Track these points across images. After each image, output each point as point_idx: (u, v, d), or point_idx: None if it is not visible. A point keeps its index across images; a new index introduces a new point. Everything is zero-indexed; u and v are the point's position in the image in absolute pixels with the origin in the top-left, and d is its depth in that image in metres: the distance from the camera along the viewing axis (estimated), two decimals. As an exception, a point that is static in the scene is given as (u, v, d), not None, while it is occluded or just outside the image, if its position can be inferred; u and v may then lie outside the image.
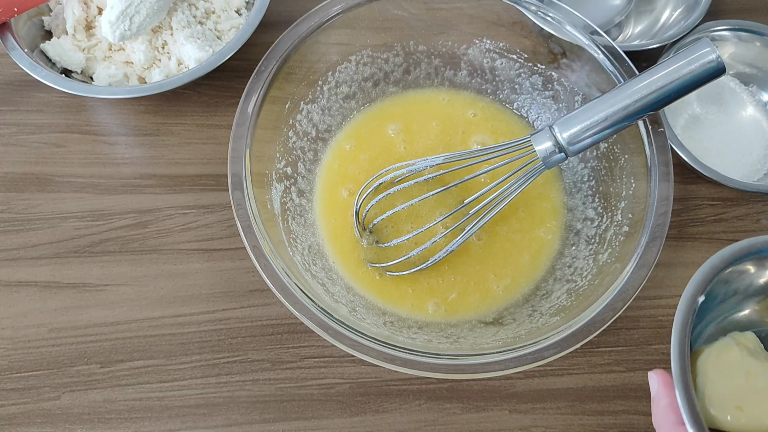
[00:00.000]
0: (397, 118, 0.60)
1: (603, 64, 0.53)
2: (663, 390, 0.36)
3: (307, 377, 0.51)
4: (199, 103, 0.63)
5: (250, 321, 0.53)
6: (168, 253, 0.56)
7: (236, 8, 0.65)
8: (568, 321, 0.44)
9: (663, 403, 0.35)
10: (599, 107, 0.46)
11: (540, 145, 0.47)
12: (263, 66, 0.51)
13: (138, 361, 0.51)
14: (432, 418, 0.50)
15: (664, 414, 0.35)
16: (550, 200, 0.57)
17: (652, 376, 0.37)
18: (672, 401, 0.35)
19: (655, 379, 0.37)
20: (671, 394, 0.35)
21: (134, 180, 0.59)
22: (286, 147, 0.54)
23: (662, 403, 0.35)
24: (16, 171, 0.59)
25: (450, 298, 0.52)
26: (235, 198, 0.46)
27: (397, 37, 0.59)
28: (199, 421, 0.50)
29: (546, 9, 0.55)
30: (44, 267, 0.55)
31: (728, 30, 0.63)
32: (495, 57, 0.60)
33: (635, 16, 0.69)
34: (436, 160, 0.52)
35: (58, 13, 0.63)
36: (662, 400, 0.36)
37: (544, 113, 0.60)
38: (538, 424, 0.50)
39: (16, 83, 0.63)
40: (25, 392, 0.50)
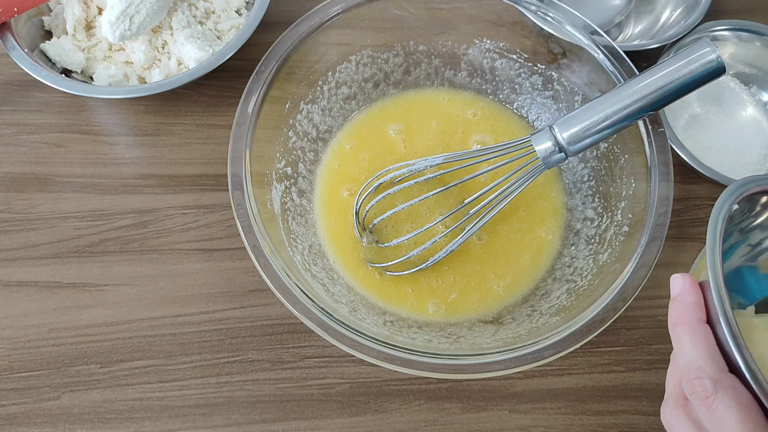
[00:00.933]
0: (398, 118, 0.60)
1: (603, 64, 0.53)
2: (690, 288, 0.34)
3: (307, 377, 0.51)
4: (199, 103, 0.63)
5: (250, 321, 0.53)
6: (168, 253, 0.56)
7: (236, 8, 0.65)
8: (568, 321, 0.44)
9: (690, 299, 0.34)
10: (599, 107, 0.46)
11: (540, 145, 0.47)
12: (263, 66, 0.51)
13: (138, 361, 0.51)
14: (432, 418, 0.50)
15: (689, 309, 0.33)
16: (550, 200, 0.57)
17: (677, 277, 0.35)
18: (698, 299, 0.33)
19: (681, 279, 0.35)
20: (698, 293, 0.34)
21: (134, 180, 0.59)
22: (286, 147, 0.54)
23: (689, 300, 0.34)
24: (16, 171, 0.59)
25: (450, 298, 0.52)
26: (235, 198, 0.46)
27: (397, 37, 0.59)
28: (199, 421, 0.50)
29: (546, 9, 0.55)
30: (44, 267, 0.55)
31: (728, 30, 0.63)
32: (495, 57, 0.60)
33: (635, 16, 0.69)
34: (436, 160, 0.52)
35: (58, 13, 0.63)
36: (688, 296, 0.34)
37: (544, 113, 0.60)
38: (538, 424, 0.50)
39: (16, 83, 0.63)
40: (25, 392, 0.50)
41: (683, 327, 0.33)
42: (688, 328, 0.33)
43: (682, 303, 0.34)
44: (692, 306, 0.33)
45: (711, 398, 0.31)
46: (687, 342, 0.33)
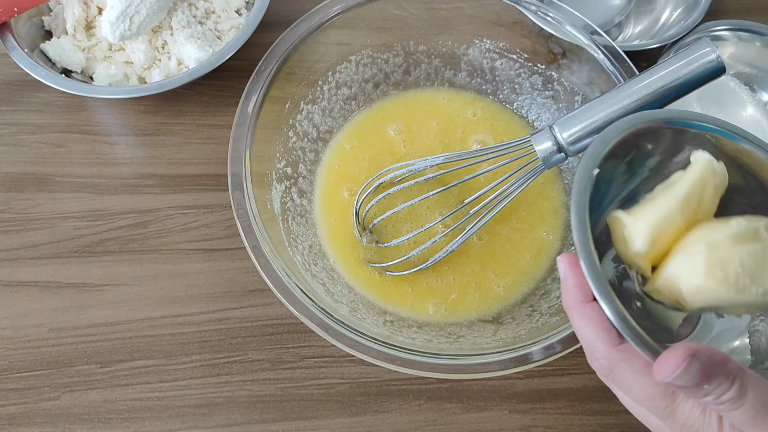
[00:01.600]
0: (398, 119, 0.60)
1: (603, 64, 0.53)
2: (570, 270, 0.34)
3: (307, 377, 0.51)
4: (199, 103, 0.63)
5: (250, 321, 0.53)
6: (168, 253, 0.56)
7: (236, 8, 0.65)
8: (568, 321, 0.44)
9: (570, 283, 0.34)
10: (599, 107, 0.45)
11: (540, 145, 0.47)
12: (263, 66, 0.51)
13: (138, 361, 0.51)
14: (432, 418, 0.50)
15: (572, 293, 0.34)
16: (550, 200, 0.57)
17: (560, 260, 0.35)
18: (578, 280, 0.33)
19: (562, 262, 0.35)
20: (578, 272, 0.33)
21: (134, 180, 0.59)
22: (286, 147, 0.54)
23: (569, 283, 0.34)
24: (16, 171, 0.59)
25: (450, 298, 0.52)
26: (235, 198, 0.46)
27: (397, 37, 0.59)
28: (199, 421, 0.50)
29: (546, 9, 0.55)
30: (44, 267, 0.55)
31: (728, 30, 0.63)
32: (495, 57, 0.60)
33: (635, 16, 0.69)
34: (436, 160, 0.52)
35: (58, 13, 0.63)
36: (569, 280, 0.34)
37: (544, 113, 0.60)
38: (538, 424, 0.50)
39: (16, 83, 0.63)
40: (25, 392, 0.50)
41: (572, 311, 0.34)
42: (576, 312, 0.33)
43: (566, 287, 0.34)
44: (574, 289, 0.34)
45: (611, 375, 0.32)
46: (578, 325, 0.33)
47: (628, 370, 0.31)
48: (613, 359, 0.32)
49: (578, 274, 0.33)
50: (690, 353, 0.27)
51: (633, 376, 0.31)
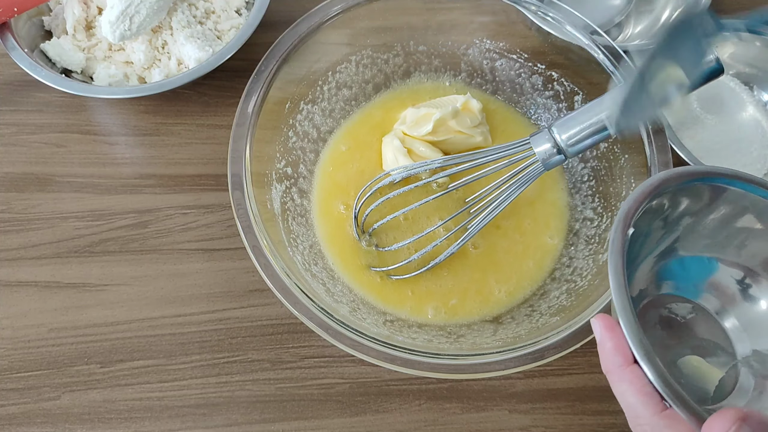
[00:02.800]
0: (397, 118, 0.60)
1: (603, 64, 0.53)
2: (606, 333, 0.34)
3: (307, 377, 0.51)
4: (199, 103, 0.63)
5: (250, 321, 0.53)
6: (168, 253, 0.56)
7: (236, 8, 0.65)
8: (568, 321, 0.44)
9: (608, 346, 0.33)
10: (598, 108, 0.45)
11: (539, 146, 0.47)
12: (263, 66, 0.51)
13: (138, 361, 0.51)
14: (432, 418, 0.50)
15: (611, 357, 0.33)
16: (552, 201, 0.57)
17: (595, 322, 0.35)
18: (616, 343, 0.33)
19: (598, 324, 0.35)
20: (615, 336, 0.33)
21: (134, 180, 0.59)
22: (286, 147, 0.54)
23: (607, 347, 0.34)
24: (16, 171, 0.59)
25: (450, 303, 0.52)
26: (235, 198, 0.46)
27: (397, 37, 0.59)
28: (199, 421, 0.50)
29: (546, 9, 0.55)
30: (44, 267, 0.55)
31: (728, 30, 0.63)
32: (495, 57, 0.60)
33: (635, 16, 0.69)
34: (434, 163, 0.52)
35: (58, 13, 0.63)
36: (606, 343, 0.34)
37: (544, 113, 0.60)
38: (538, 424, 0.50)
39: (16, 83, 0.63)
40: (25, 392, 0.50)
41: (612, 375, 0.33)
42: (616, 376, 0.33)
43: (604, 350, 0.34)
44: (612, 353, 0.33)
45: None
46: (619, 390, 0.33)
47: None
48: (657, 426, 0.31)
49: (615, 337, 0.33)
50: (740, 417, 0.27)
51: None
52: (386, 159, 0.56)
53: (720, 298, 0.41)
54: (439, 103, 0.58)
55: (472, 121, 0.57)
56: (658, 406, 0.31)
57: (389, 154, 0.56)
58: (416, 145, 0.56)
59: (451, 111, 0.55)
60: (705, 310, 0.41)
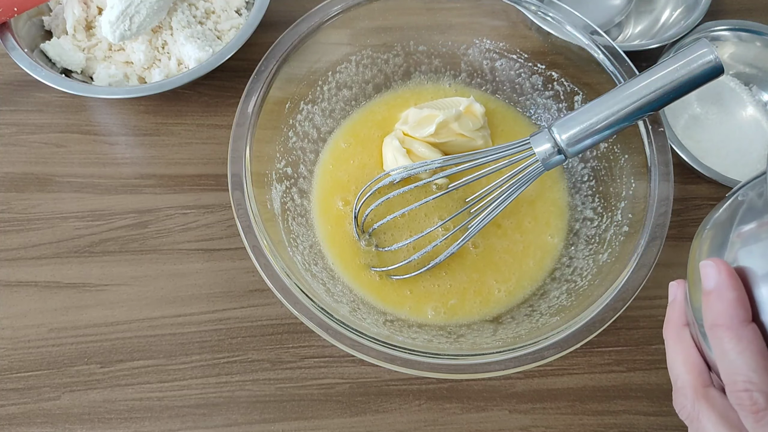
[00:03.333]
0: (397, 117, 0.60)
1: (603, 64, 0.53)
2: (729, 281, 0.28)
3: (307, 377, 0.51)
4: (199, 103, 0.63)
5: (250, 321, 0.53)
6: (168, 253, 0.56)
7: (236, 8, 0.65)
8: (568, 321, 0.44)
9: (730, 296, 0.28)
10: (598, 108, 0.45)
11: (539, 146, 0.47)
12: (263, 66, 0.51)
13: (138, 361, 0.51)
14: (432, 418, 0.50)
15: (731, 308, 0.28)
16: (553, 201, 0.57)
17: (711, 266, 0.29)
18: (741, 294, 0.28)
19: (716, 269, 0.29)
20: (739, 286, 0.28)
21: (134, 180, 0.59)
22: (286, 147, 0.54)
23: (728, 296, 0.28)
24: (16, 171, 0.59)
25: (450, 303, 0.52)
26: (235, 198, 0.46)
27: (397, 37, 0.59)
28: (199, 421, 0.50)
29: (546, 9, 0.55)
30: (44, 267, 0.55)
31: (728, 30, 0.63)
32: (495, 57, 0.60)
33: (635, 16, 0.69)
34: (434, 162, 0.52)
35: (58, 13, 0.63)
36: (728, 293, 0.28)
37: (544, 113, 0.60)
38: (538, 424, 0.50)
39: (16, 83, 0.63)
40: (25, 392, 0.50)
41: (725, 330, 0.28)
42: (733, 333, 0.28)
43: (721, 300, 0.28)
44: (734, 304, 0.28)
45: (762, 413, 0.27)
46: (731, 348, 0.28)
47: None
48: None
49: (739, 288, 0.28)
50: None
51: None
52: (386, 159, 0.56)
53: None
54: (442, 104, 0.58)
55: (474, 125, 0.57)
56: None
57: (389, 155, 0.56)
58: (416, 146, 0.56)
59: (455, 114, 0.55)
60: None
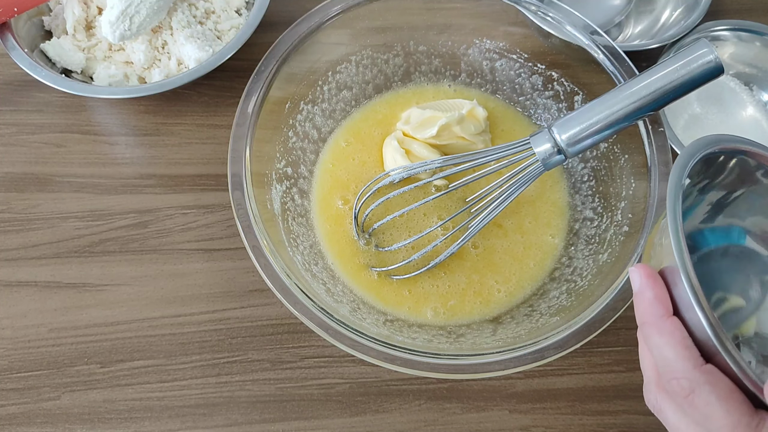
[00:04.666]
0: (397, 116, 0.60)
1: (603, 64, 0.53)
2: (647, 281, 0.32)
3: (307, 377, 0.51)
4: (199, 103, 0.63)
5: (250, 321, 0.53)
6: (168, 253, 0.56)
7: (236, 8, 0.65)
8: (568, 321, 0.44)
9: (648, 295, 0.32)
10: (598, 108, 0.45)
11: (539, 146, 0.47)
12: (263, 66, 0.51)
13: (138, 361, 0.51)
14: (432, 418, 0.50)
15: (650, 307, 0.32)
16: (553, 201, 0.56)
17: (634, 271, 0.33)
18: (657, 293, 0.32)
19: (638, 273, 0.33)
20: (656, 285, 0.32)
21: (134, 180, 0.59)
22: (286, 147, 0.54)
23: (647, 296, 0.32)
24: (16, 171, 0.59)
25: (449, 304, 0.52)
26: (235, 198, 0.46)
27: (397, 37, 0.59)
28: (199, 421, 0.50)
29: (546, 9, 0.55)
30: (44, 267, 0.55)
31: (728, 30, 0.63)
32: (495, 57, 0.60)
33: (635, 16, 0.69)
34: (434, 162, 0.52)
35: (58, 13, 0.63)
36: (647, 292, 0.32)
37: (544, 113, 0.60)
38: (538, 424, 0.50)
39: (16, 83, 0.63)
40: (25, 392, 0.50)
41: (649, 327, 0.32)
42: (655, 328, 0.31)
43: (642, 300, 0.32)
44: (653, 302, 0.32)
45: (690, 396, 0.30)
46: (657, 342, 0.31)
47: (712, 393, 0.29)
48: (696, 381, 0.29)
49: (657, 287, 0.32)
50: None
51: (716, 401, 0.29)
52: (386, 159, 0.56)
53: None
54: (445, 106, 0.58)
55: (476, 129, 0.57)
56: (698, 360, 0.30)
57: (389, 155, 0.56)
58: (414, 147, 0.56)
59: (457, 117, 0.55)
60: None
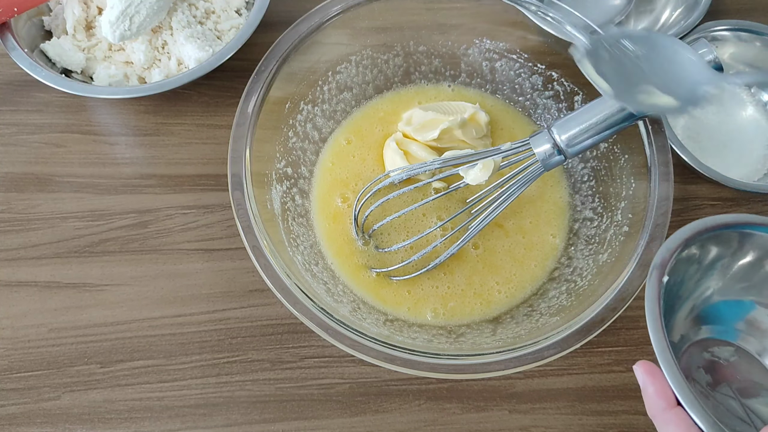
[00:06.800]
0: (398, 116, 0.60)
1: (603, 64, 0.52)
2: (648, 378, 0.35)
3: (307, 377, 0.51)
4: (199, 103, 0.63)
5: (250, 321, 0.53)
6: (168, 253, 0.56)
7: (236, 8, 0.65)
8: (568, 321, 0.44)
9: (650, 390, 0.35)
10: (598, 108, 0.45)
11: (539, 147, 0.47)
12: (263, 66, 0.51)
13: (138, 361, 0.51)
14: (432, 418, 0.50)
15: (654, 402, 0.35)
16: (554, 201, 0.57)
17: (637, 368, 0.36)
18: (658, 387, 0.35)
19: (640, 370, 0.36)
20: (656, 380, 0.35)
21: (134, 180, 0.59)
22: (286, 147, 0.54)
23: (650, 391, 0.35)
24: (16, 171, 0.59)
25: (449, 306, 0.52)
26: (235, 198, 0.46)
27: (397, 37, 0.59)
28: (199, 421, 0.50)
29: (546, 9, 0.54)
30: (44, 267, 0.55)
31: (728, 30, 0.63)
32: (495, 57, 0.60)
33: (635, 16, 0.69)
34: (434, 163, 0.52)
35: (58, 13, 0.63)
36: (648, 388, 0.35)
37: (544, 114, 0.60)
38: (538, 424, 0.50)
39: (16, 83, 0.63)
40: (25, 392, 0.50)
41: (657, 419, 0.35)
42: (661, 420, 0.34)
43: (646, 396, 0.35)
44: (656, 397, 0.35)
45: None
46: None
47: None
48: None
49: (657, 382, 0.35)
50: None
51: None
52: (386, 161, 0.56)
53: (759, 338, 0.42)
54: (447, 108, 0.58)
55: (478, 133, 0.57)
56: None
57: (388, 156, 0.56)
58: (413, 148, 0.56)
59: (459, 121, 0.55)
60: (747, 352, 0.42)
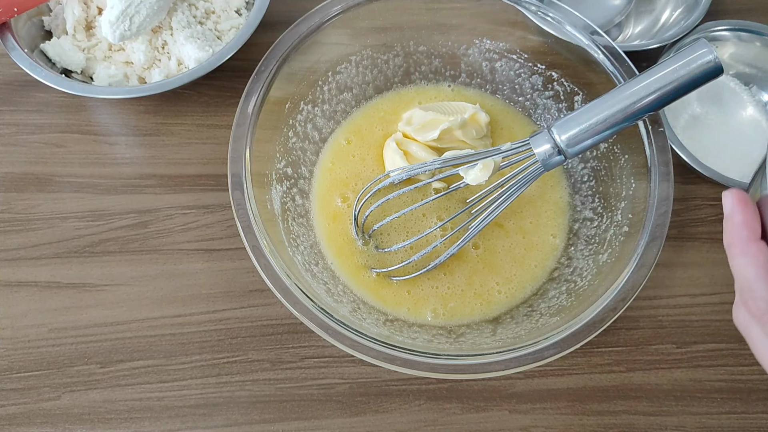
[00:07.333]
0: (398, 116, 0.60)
1: (603, 64, 0.53)
2: (738, 206, 0.34)
3: (307, 377, 0.51)
4: (199, 103, 0.63)
5: (250, 321, 0.53)
6: (168, 253, 0.56)
7: (236, 8, 0.65)
8: (568, 321, 0.44)
9: (737, 219, 0.34)
10: (598, 108, 0.45)
11: (539, 147, 0.47)
12: (263, 66, 0.51)
13: (138, 361, 0.51)
14: (432, 418, 0.50)
15: (737, 230, 0.34)
16: (555, 202, 0.56)
17: (727, 195, 0.35)
18: (746, 217, 0.34)
19: (730, 197, 0.35)
20: (747, 210, 0.34)
21: (134, 180, 0.59)
22: (286, 147, 0.54)
23: (736, 220, 0.34)
24: (16, 171, 0.59)
25: (449, 306, 0.52)
26: (235, 198, 0.46)
27: (397, 37, 0.59)
28: (199, 421, 0.50)
29: (546, 9, 0.55)
30: (44, 267, 0.55)
31: (728, 30, 0.63)
32: (495, 57, 0.60)
33: (635, 16, 0.69)
34: (434, 163, 0.52)
35: (58, 13, 0.63)
36: (736, 216, 0.34)
37: (544, 114, 0.60)
38: (538, 424, 0.50)
39: (16, 83, 0.63)
40: (25, 392, 0.50)
41: (734, 248, 0.34)
42: (739, 249, 0.34)
43: (731, 223, 0.34)
44: (740, 226, 0.34)
45: (766, 317, 0.32)
46: (739, 263, 0.34)
47: None
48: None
49: (747, 212, 0.34)
50: None
51: None
52: (386, 161, 0.56)
53: None
54: (448, 108, 0.58)
55: (478, 134, 0.57)
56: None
57: (388, 157, 0.56)
58: (413, 148, 0.56)
59: (460, 122, 0.55)
60: None
